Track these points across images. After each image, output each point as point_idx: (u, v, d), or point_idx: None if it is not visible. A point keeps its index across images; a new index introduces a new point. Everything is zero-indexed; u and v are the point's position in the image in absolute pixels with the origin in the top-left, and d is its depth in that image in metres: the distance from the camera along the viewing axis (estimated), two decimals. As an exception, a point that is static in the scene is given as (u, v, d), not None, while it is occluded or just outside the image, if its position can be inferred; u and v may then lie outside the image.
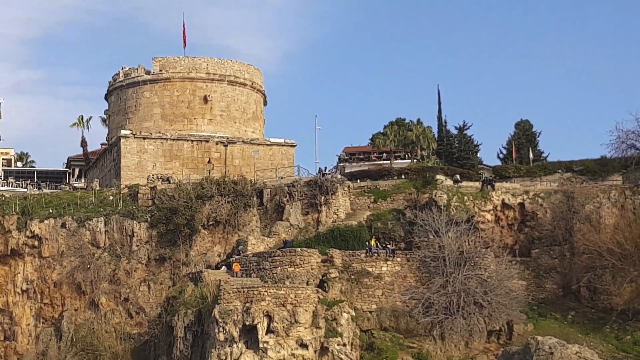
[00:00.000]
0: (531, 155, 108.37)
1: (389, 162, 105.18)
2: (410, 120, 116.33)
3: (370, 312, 76.39)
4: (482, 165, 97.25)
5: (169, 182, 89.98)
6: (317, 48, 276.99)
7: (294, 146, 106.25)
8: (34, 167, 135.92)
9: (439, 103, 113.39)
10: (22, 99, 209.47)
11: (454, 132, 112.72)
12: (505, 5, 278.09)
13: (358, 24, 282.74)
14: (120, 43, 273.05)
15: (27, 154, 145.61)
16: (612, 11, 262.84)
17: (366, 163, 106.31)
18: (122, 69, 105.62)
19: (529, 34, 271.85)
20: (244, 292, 70.45)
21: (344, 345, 70.24)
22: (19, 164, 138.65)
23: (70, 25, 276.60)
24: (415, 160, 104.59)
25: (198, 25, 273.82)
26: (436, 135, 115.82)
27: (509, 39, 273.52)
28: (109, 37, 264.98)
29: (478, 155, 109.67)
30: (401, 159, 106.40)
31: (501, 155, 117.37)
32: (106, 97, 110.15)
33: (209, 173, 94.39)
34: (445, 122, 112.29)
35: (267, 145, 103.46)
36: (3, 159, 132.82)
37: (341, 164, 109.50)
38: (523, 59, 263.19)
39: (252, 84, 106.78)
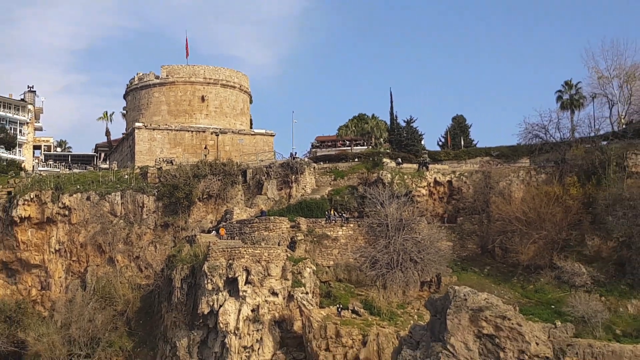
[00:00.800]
0: (462, 143, 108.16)
1: (350, 148, 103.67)
2: (367, 115, 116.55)
3: (328, 267, 76.60)
4: (424, 151, 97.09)
5: (172, 164, 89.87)
6: (300, 57, 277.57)
7: (273, 135, 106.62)
8: (70, 152, 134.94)
9: (391, 101, 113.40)
10: (70, 98, 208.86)
11: (403, 124, 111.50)
12: (442, 18, 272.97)
13: (333, 39, 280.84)
14: (139, 52, 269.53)
15: (65, 141, 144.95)
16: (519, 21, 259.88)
17: (333, 149, 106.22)
18: (137, 74, 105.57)
19: (465, 42, 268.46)
20: (227, 251, 70.53)
21: (307, 293, 70.47)
22: (59, 149, 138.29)
23: (107, 38, 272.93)
24: (370, 147, 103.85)
25: (209, 37, 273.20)
26: (389, 127, 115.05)
27: (449, 46, 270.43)
28: (134, 47, 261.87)
29: (422, 142, 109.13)
30: (360, 145, 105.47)
31: (440, 143, 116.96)
32: (124, 97, 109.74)
33: (205, 157, 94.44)
34: (396, 117, 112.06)
35: (252, 135, 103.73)
36: (44, 145, 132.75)
37: (313, 150, 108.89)
38: (461, 64, 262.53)
39: (240, 86, 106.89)
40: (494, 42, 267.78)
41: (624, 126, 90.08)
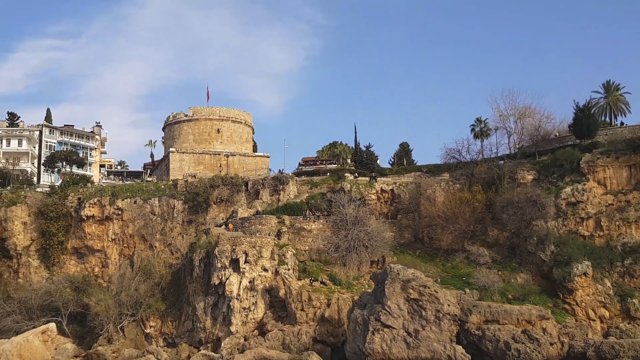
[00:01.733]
0: (405, 162, 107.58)
1: (324, 166, 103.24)
2: (339, 142, 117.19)
3: (305, 250, 76.78)
4: (374, 169, 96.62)
5: (195, 177, 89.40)
6: (297, 100, 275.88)
7: (268, 157, 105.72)
8: (126, 169, 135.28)
9: (355, 132, 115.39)
10: (135, 130, 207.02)
11: (364, 148, 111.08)
12: (396, 72, 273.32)
13: (320, 87, 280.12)
14: (185, 96, 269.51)
15: (124, 161, 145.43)
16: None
17: (313, 166, 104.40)
18: (172, 113, 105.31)
19: (409, 89, 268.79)
20: (232, 239, 70.88)
21: (289, 269, 71.26)
22: (119, 167, 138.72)
23: (163, 87, 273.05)
24: (339, 165, 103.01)
25: (236, 86, 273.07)
26: (354, 150, 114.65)
27: (399, 92, 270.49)
28: (181, 93, 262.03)
29: (377, 162, 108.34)
30: (332, 164, 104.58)
31: (390, 162, 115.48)
32: (163, 129, 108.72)
33: (220, 172, 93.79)
34: (359, 143, 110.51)
35: (253, 157, 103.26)
36: (107, 165, 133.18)
37: (300, 167, 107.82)
38: (407, 104, 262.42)
39: (245, 122, 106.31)
40: (430, 89, 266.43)
41: (516, 150, 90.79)
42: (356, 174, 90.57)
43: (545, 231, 73.82)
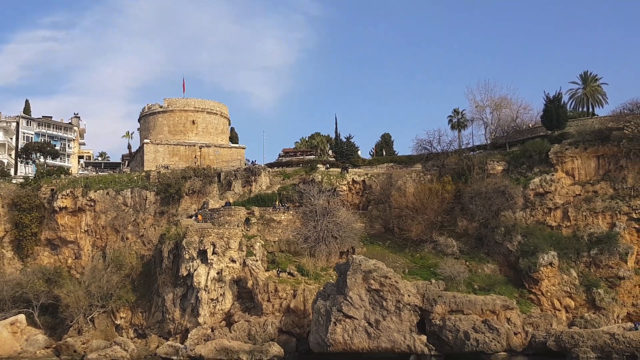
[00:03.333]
0: (384, 153, 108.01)
1: (303, 157, 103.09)
2: (319, 133, 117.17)
3: (274, 241, 76.13)
4: (346, 161, 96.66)
5: (167, 169, 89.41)
6: (290, 94, 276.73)
7: (244, 148, 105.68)
8: (107, 161, 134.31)
9: (336, 124, 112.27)
10: (127, 123, 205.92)
11: (344, 139, 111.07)
12: (377, 70, 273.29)
13: (311, 83, 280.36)
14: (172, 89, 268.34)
15: (105, 152, 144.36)
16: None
17: (293, 157, 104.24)
18: (147, 105, 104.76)
19: (390, 85, 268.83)
20: (200, 231, 71.23)
21: (256, 260, 71.80)
22: (100, 159, 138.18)
23: (155, 80, 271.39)
24: (317, 156, 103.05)
25: (233, 79, 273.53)
26: (335, 142, 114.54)
27: (379, 88, 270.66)
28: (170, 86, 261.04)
29: (358, 153, 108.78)
30: (311, 155, 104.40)
31: (371, 153, 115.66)
32: (139, 120, 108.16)
33: (195, 164, 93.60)
34: (339, 134, 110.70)
35: (228, 148, 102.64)
36: (86, 156, 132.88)
37: (280, 158, 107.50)
38: (388, 97, 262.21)
39: (221, 113, 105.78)
40: (410, 83, 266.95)
41: (489, 141, 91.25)
42: (327, 165, 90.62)
43: (513, 222, 73.73)
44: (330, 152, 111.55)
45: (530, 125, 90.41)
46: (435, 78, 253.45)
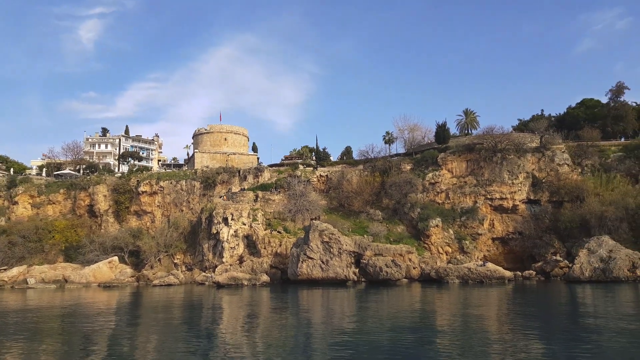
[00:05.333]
0: (345, 158, 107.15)
1: (293, 161, 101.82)
2: (304, 146, 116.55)
3: (270, 212, 75.47)
4: (317, 162, 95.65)
5: (208, 168, 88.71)
6: (301, 121, 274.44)
7: (256, 155, 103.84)
8: (175, 163, 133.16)
9: (316, 140, 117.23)
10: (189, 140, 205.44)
11: (321, 150, 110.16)
12: (347, 104, 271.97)
13: (314, 114, 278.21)
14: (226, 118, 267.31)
15: (176, 158, 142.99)
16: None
17: (289, 161, 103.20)
18: (197, 128, 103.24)
19: (351, 113, 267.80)
20: (224, 205, 71.03)
21: (258, 224, 70.67)
22: (173, 161, 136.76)
23: (217, 112, 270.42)
24: (302, 160, 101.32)
25: (263, 112, 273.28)
26: (315, 151, 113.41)
27: (354, 111, 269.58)
28: (225, 116, 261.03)
29: (330, 158, 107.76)
30: (299, 159, 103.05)
31: (338, 158, 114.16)
32: (192, 138, 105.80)
33: (226, 164, 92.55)
34: (319, 147, 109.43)
35: (247, 155, 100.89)
36: (163, 160, 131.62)
37: (282, 161, 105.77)
38: (350, 124, 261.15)
39: (242, 133, 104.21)
40: (365, 114, 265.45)
41: (403, 151, 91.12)
42: (305, 166, 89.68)
43: (415, 200, 73.84)
44: (313, 157, 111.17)
45: (429, 141, 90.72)
46: (378, 110, 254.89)
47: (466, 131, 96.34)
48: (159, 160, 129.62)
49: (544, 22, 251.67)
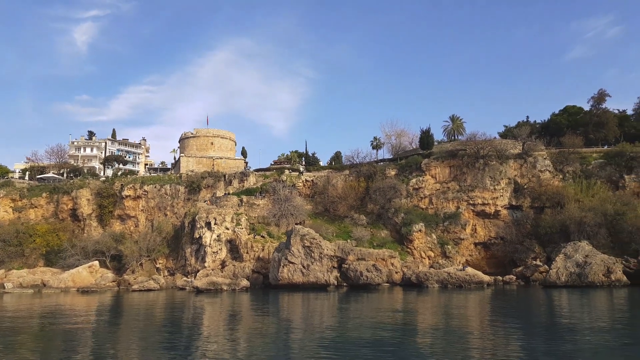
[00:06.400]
0: (332, 164, 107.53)
1: (281, 166, 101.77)
2: (293, 150, 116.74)
3: (254, 216, 75.30)
4: (302, 167, 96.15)
5: (193, 172, 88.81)
6: (294, 127, 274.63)
7: (243, 159, 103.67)
8: (163, 167, 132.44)
9: (306, 145, 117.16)
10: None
11: (311, 155, 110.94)
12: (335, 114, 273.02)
13: (308, 120, 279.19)
14: (222, 122, 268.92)
15: (164, 162, 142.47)
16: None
17: (277, 165, 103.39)
18: (183, 132, 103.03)
19: (340, 120, 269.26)
20: (207, 210, 70.60)
21: (242, 228, 70.28)
22: (160, 165, 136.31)
23: (213, 115, 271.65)
24: (291, 165, 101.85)
25: (259, 117, 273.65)
26: (305, 155, 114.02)
27: (344, 117, 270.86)
28: (221, 119, 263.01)
29: (320, 163, 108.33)
30: (287, 164, 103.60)
31: (327, 163, 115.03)
32: (179, 142, 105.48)
33: (213, 169, 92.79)
34: (308, 152, 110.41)
35: (234, 159, 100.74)
36: (149, 164, 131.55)
37: (271, 165, 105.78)
38: (339, 130, 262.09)
39: (230, 138, 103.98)
40: (353, 121, 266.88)
41: (390, 157, 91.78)
42: (290, 170, 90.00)
43: (399, 205, 74.33)
44: (303, 162, 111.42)
45: (416, 147, 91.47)
46: (371, 115, 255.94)
47: (453, 137, 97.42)
48: (145, 164, 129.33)
49: (537, 28, 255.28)
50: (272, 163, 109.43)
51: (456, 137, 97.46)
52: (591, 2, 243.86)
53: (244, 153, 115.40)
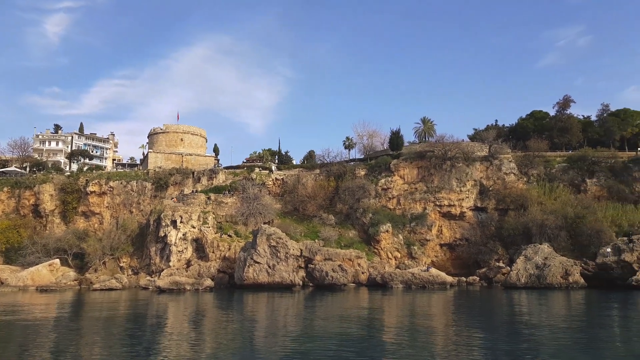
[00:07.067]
0: (305, 162, 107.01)
1: (253, 164, 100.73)
2: (271, 149, 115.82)
3: (222, 215, 74.60)
4: (273, 164, 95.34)
5: (160, 168, 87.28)
6: (271, 125, 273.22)
7: (213, 157, 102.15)
8: (132, 162, 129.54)
9: (279, 143, 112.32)
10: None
11: (284, 153, 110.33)
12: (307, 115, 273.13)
13: (285, 118, 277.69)
14: (197, 119, 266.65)
15: (133, 157, 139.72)
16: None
17: (249, 163, 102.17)
18: (152, 127, 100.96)
19: (315, 120, 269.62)
20: (173, 208, 69.59)
21: (208, 227, 69.55)
22: (129, 161, 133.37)
23: (188, 112, 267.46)
24: (262, 163, 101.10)
25: (237, 114, 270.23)
26: (278, 154, 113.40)
27: (321, 117, 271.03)
28: (196, 116, 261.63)
29: (293, 162, 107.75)
30: (259, 162, 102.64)
31: (301, 161, 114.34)
32: (148, 137, 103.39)
33: (182, 165, 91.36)
34: (281, 150, 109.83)
35: (204, 156, 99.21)
36: (117, 160, 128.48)
37: (243, 163, 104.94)
38: (312, 130, 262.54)
39: (200, 134, 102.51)
40: (328, 120, 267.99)
41: (361, 157, 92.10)
42: (260, 169, 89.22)
43: (367, 205, 74.49)
44: (276, 160, 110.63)
45: (385, 147, 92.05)
46: (347, 115, 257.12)
47: (424, 139, 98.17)
48: (113, 160, 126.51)
49: (512, 36, 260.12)
50: (245, 161, 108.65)
51: (427, 138, 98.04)
52: (563, 12, 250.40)
53: (216, 150, 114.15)
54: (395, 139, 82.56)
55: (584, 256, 61.24)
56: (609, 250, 57.14)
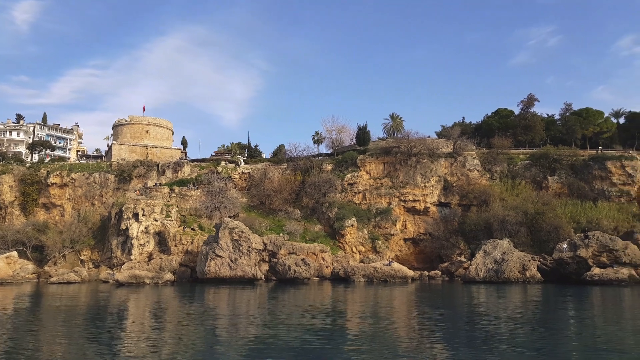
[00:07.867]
0: (275, 157, 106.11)
1: (223, 157, 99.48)
2: (242, 142, 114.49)
3: (186, 208, 73.46)
4: (241, 158, 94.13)
5: (124, 160, 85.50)
6: (246, 118, 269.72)
7: (180, 150, 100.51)
8: (99, 153, 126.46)
9: (248, 136, 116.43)
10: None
11: (253, 147, 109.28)
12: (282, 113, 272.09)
13: (259, 111, 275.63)
14: (171, 111, 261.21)
15: (99, 149, 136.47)
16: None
17: (217, 157, 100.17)
18: (117, 119, 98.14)
19: (287, 117, 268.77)
20: (135, 200, 68.65)
21: (171, 220, 68.66)
22: (94, 153, 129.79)
23: (161, 104, 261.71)
24: (231, 156, 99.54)
25: (211, 107, 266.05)
26: (247, 148, 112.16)
27: (294, 111, 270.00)
28: (169, 109, 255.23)
29: (262, 155, 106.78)
30: (228, 155, 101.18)
31: (270, 156, 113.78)
32: (112, 128, 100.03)
33: (147, 158, 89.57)
34: (250, 144, 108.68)
35: (170, 149, 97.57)
36: (81, 151, 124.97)
37: (212, 156, 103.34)
38: (282, 126, 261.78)
39: (166, 127, 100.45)
40: (298, 115, 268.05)
41: (329, 152, 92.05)
42: (227, 162, 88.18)
43: (333, 200, 74.48)
44: (245, 154, 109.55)
45: (354, 142, 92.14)
46: (319, 110, 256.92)
47: (392, 134, 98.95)
48: (78, 151, 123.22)
49: (485, 34, 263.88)
50: (213, 154, 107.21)
51: (395, 134, 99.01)
52: (535, 12, 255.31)
53: (184, 143, 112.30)
54: (362, 134, 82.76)
55: (542, 251, 62.73)
56: (565, 245, 58.63)
